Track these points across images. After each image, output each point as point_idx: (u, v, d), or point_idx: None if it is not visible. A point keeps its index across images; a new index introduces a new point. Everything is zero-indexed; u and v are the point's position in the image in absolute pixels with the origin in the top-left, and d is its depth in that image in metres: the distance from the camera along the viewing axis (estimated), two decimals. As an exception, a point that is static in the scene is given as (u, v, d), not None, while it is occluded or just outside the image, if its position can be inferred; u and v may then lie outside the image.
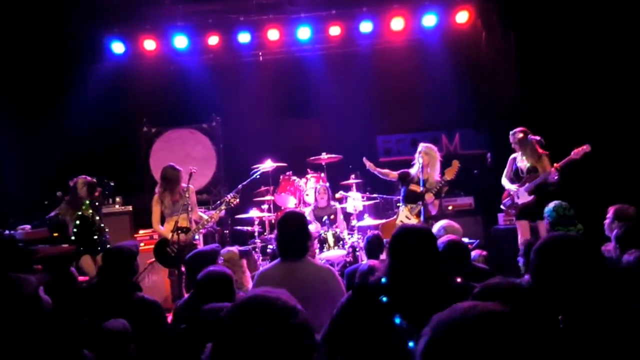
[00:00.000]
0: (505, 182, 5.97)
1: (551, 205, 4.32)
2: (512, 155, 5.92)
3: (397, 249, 2.25)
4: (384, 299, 2.10)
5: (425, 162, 5.76)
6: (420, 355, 0.92)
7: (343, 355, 2.22)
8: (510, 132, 5.89)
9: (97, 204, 5.99)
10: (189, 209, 5.50)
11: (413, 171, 6.01)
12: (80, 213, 5.81)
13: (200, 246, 5.78)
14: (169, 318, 3.46)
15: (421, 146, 5.96)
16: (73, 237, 5.72)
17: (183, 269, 5.24)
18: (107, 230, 6.01)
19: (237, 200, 5.82)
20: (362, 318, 2.16)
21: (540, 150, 5.75)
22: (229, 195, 5.86)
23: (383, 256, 5.65)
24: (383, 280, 2.20)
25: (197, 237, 5.56)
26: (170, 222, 5.58)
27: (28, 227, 5.68)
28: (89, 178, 6.01)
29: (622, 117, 6.83)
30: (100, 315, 2.67)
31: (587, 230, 4.30)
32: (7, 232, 5.24)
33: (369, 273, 3.34)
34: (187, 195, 5.53)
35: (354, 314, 2.21)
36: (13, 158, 7.42)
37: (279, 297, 1.15)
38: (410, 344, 1.95)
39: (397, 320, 2.04)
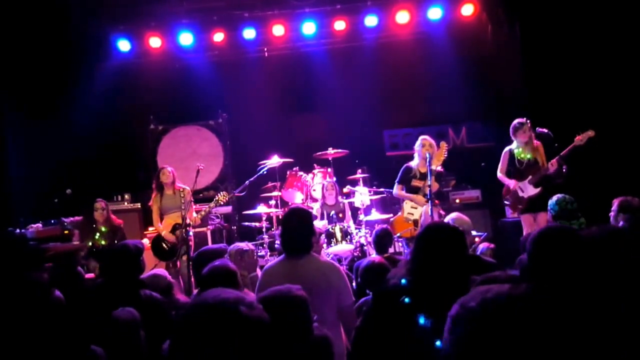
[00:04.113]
0: (502, 176, 5.92)
1: (554, 198, 4.28)
2: (507, 148, 5.89)
3: (426, 247, 2.18)
4: (406, 299, 2.07)
5: (431, 154, 5.77)
6: (459, 342, 0.97)
7: None
8: (517, 121, 5.83)
9: (117, 232, 6.03)
10: (183, 208, 5.78)
11: (414, 164, 6.04)
12: (90, 244, 5.89)
13: (202, 243, 6.05)
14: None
15: (423, 139, 6.00)
16: None
17: (178, 263, 5.84)
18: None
19: (226, 198, 6.07)
20: (385, 322, 2.13)
21: (535, 142, 5.74)
22: (219, 194, 6.08)
23: (391, 250, 5.70)
24: (403, 281, 2.15)
25: (190, 233, 5.78)
26: (167, 219, 5.95)
27: (39, 225, 5.76)
28: (105, 203, 6.07)
29: (628, 108, 6.77)
30: (108, 313, 2.71)
31: (594, 222, 4.27)
32: (18, 231, 5.31)
33: (372, 270, 3.37)
34: (182, 195, 5.86)
35: (377, 319, 2.19)
36: (22, 157, 7.49)
37: (219, 295, 1.19)
38: (437, 343, 1.93)
39: (422, 320, 2.01)
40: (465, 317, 0.99)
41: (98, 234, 5.96)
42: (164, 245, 5.89)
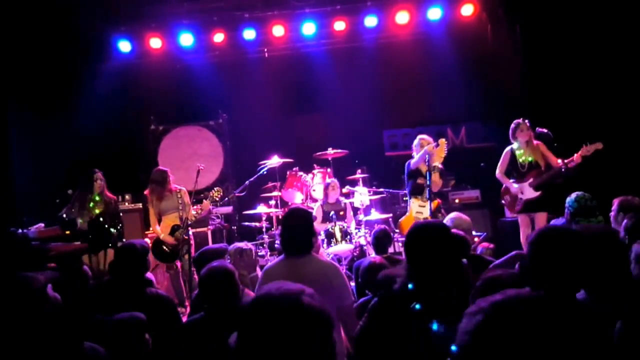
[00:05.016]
0: (501, 176, 5.94)
1: (573, 195, 4.14)
2: (508, 148, 5.91)
3: (415, 249, 2.16)
4: (417, 306, 2.03)
5: (430, 151, 5.80)
6: (470, 333, 0.99)
7: None
8: (514, 122, 5.85)
9: (110, 204, 6.06)
10: (180, 208, 5.79)
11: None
12: (84, 211, 5.89)
13: (193, 241, 6.03)
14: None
15: (422, 138, 6.05)
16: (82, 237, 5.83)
17: (178, 263, 5.83)
18: (119, 228, 6.05)
19: (220, 193, 6.05)
20: (394, 327, 2.10)
21: (535, 142, 5.76)
22: (212, 190, 6.06)
23: (391, 249, 5.72)
24: (410, 286, 2.11)
25: (190, 233, 5.81)
26: (165, 220, 5.93)
27: (42, 225, 5.78)
28: (102, 174, 6.10)
29: (629, 108, 6.79)
30: (115, 311, 2.74)
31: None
32: (20, 230, 5.33)
33: (372, 270, 3.39)
34: (179, 196, 5.86)
35: (385, 323, 2.16)
36: (26, 157, 7.52)
37: (281, 287, 1.24)
38: (453, 347, 1.93)
39: (435, 326, 1.99)
40: (483, 311, 1.01)
41: (92, 204, 5.91)
42: (165, 247, 5.86)
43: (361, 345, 2.30)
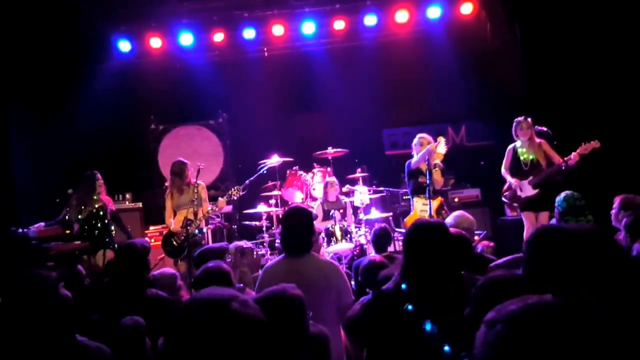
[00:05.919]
0: (505, 172, 5.94)
1: (562, 194, 4.16)
2: (511, 145, 5.91)
3: (414, 248, 2.16)
4: (410, 307, 2.04)
5: (432, 149, 5.80)
6: (490, 345, 0.97)
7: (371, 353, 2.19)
8: (515, 120, 5.86)
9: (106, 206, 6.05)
10: (196, 203, 5.71)
11: (414, 161, 6.11)
12: (83, 207, 5.88)
13: (206, 241, 6.03)
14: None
15: (421, 137, 6.06)
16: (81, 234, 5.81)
17: (186, 261, 5.68)
18: (122, 227, 6.04)
19: (240, 193, 5.99)
20: (387, 327, 2.10)
21: (537, 139, 5.75)
22: (232, 189, 6.00)
23: (391, 248, 5.71)
24: (403, 286, 2.12)
25: (204, 230, 5.72)
26: (179, 215, 5.86)
27: (42, 224, 5.79)
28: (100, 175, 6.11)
29: (629, 107, 6.79)
30: (115, 312, 2.74)
31: (595, 220, 4.26)
32: (20, 230, 5.34)
33: (372, 268, 3.39)
34: (195, 191, 5.76)
35: (378, 323, 2.15)
36: (25, 158, 7.53)
37: (211, 294, 1.23)
38: (446, 347, 1.93)
39: (428, 327, 2.00)
40: (503, 320, 0.99)
41: (92, 199, 5.92)
42: (174, 241, 5.81)
43: (352, 327, 2.29)
